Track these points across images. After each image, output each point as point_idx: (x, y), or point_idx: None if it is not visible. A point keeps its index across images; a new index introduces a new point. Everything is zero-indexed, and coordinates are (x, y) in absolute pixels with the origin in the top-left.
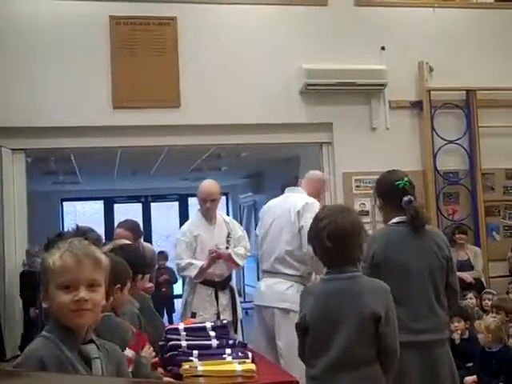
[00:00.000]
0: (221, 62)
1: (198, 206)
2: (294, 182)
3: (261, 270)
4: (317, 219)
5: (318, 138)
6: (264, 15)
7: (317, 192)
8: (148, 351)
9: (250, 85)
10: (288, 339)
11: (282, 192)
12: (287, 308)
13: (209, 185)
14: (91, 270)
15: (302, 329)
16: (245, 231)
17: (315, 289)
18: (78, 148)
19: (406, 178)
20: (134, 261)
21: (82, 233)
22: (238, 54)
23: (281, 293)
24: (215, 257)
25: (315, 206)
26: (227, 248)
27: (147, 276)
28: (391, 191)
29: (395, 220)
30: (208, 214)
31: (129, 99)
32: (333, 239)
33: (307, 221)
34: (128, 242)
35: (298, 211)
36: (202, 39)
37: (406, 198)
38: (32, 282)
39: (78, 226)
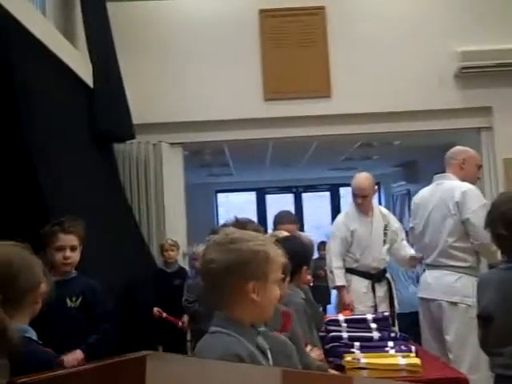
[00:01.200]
0: (371, 49)
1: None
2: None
3: (423, 262)
4: (493, 206)
5: (476, 123)
6: None
7: (464, 171)
8: (317, 353)
9: (402, 71)
10: (457, 333)
11: None
12: (456, 301)
13: (360, 180)
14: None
15: (484, 319)
16: (400, 224)
17: (493, 278)
18: (231, 140)
19: None
20: (300, 252)
21: (242, 224)
22: (388, 40)
23: (449, 285)
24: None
25: (474, 193)
26: (384, 241)
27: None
28: None
29: None
30: (362, 209)
31: (279, 91)
32: (509, 227)
33: (471, 212)
34: (287, 233)
35: (457, 202)
36: (350, 27)
37: None
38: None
39: (237, 217)
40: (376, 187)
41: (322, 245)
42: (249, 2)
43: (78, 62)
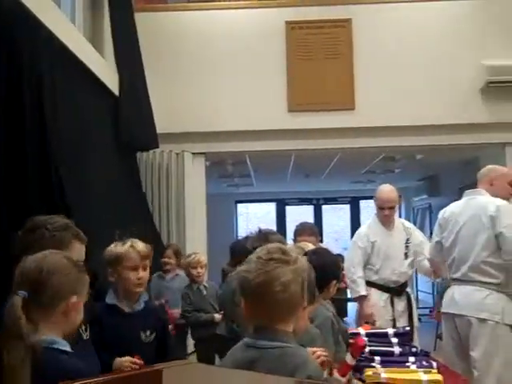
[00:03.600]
0: (397, 62)
1: (375, 211)
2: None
3: (450, 277)
4: None
5: (501, 139)
6: (442, 12)
7: (494, 188)
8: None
9: (427, 85)
10: (484, 350)
11: (460, 195)
12: (485, 318)
13: (387, 191)
14: None
15: None
16: (425, 237)
17: None
18: (254, 151)
19: None
20: (330, 266)
21: (264, 236)
22: (414, 54)
23: (478, 302)
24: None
25: (509, 208)
26: (406, 255)
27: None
28: None
29: None
30: (386, 221)
31: (304, 103)
32: None
33: (505, 226)
34: (312, 245)
35: (491, 216)
36: (376, 40)
37: None
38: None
39: (260, 228)
40: (399, 199)
41: (340, 257)
42: (275, 13)
43: (105, 71)
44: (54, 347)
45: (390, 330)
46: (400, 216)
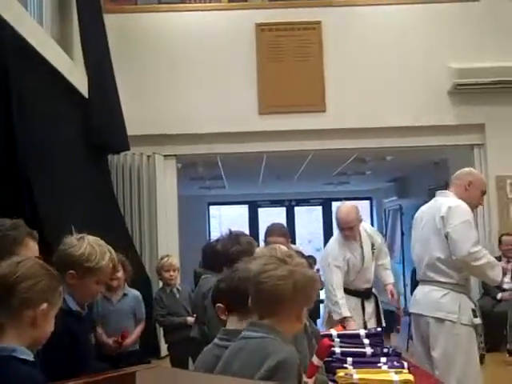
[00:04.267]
0: (365, 65)
1: None
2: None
3: (418, 277)
4: None
5: (469, 140)
6: (408, 15)
7: (467, 193)
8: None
9: (395, 87)
10: (443, 350)
11: (430, 196)
12: (442, 317)
13: (345, 212)
14: None
15: None
16: (381, 236)
17: None
18: (225, 153)
19: None
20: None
21: (235, 237)
22: (382, 56)
23: (435, 301)
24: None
25: (460, 209)
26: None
27: None
28: None
29: None
30: (349, 239)
31: (275, 104)
32: None
33: (452, 227)
34: (284, 247)
35: (442, 216)
36: (346, 42)
37: None
38: None
39: (230, 230)
40: (361, 215)
41: (311, 259)
42: (246, 16)
43: (74, 72)
44: (13, 355)
45: (362, 331)
46: (371, 218)
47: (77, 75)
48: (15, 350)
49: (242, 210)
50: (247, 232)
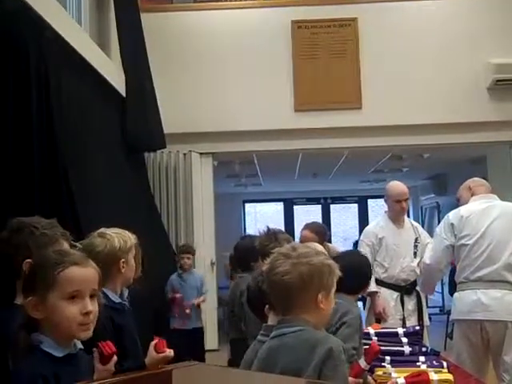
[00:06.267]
0: (403, 61)
1: (384, 209)
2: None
3: (469, 278)
4: None
5: (508, 137)
6: (446, 10)
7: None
8: None
9: (434, 83)
10: None
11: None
12: None
13: (400, 184)
14: None
15: None
16: (431, 239)
17: None
18: (261, 151)
19: None
20: (365, 266)
21: (273, 234)
22: (420, 53)
23: None
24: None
25: None
26: (415, 254)
27: None
28: None
29: None
30: (400, 215)
31: (310, 102)
32: None
33: None
34: (318, 244)
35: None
36: (383, 39)
37: None
38: None
39: (268, 227)
40: None
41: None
42: (282, 13)
43: (112, 71)
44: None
45: (400, 330)
46: (408, 215)
47: (114, 74)
48: (42, 341)
49: (278, 208)
50: (282, 229)
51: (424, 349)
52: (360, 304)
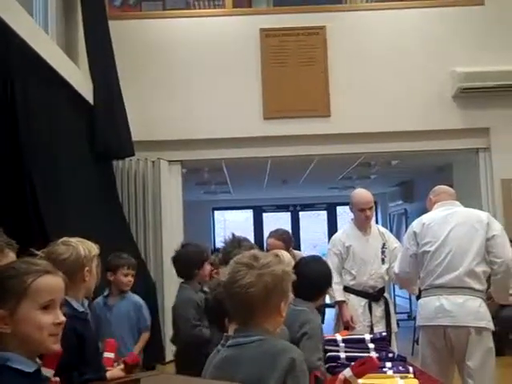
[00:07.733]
0: (370, 70)
1: (351, 216)
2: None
3: (432, 285)
4: None
5: (474, 144)
6: (412, 19)
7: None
8: None
9: (400, 91)
10: (481, 359)
11: None
12: (484, 326)
13: (365, 193)
14: None
15: None
16: (399, 243)
17: None
18: (230, 158)
19: None
20: (325, 274)
21: (238, 241)
22: (387, 61)
23: (475, 311)
24: None
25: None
26: (383, 260)
27: None
28: None
29: None
30: (365, 224)
31: (279, 110)
32: None
33: (498, 230)
34: (285, 252)
35: (487, 223)
36: (350, 47)
37: None
38: None
39: (233, 234)
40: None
41: None
42: (250, 21)
43: (80, 79)
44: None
45: (367, 336)
46: (377, 222)
47: (82, 82)
48: (8, 358)
49: (247, 215)
50: (252, 237)
51: (390, 354)
52: (332, 311)
